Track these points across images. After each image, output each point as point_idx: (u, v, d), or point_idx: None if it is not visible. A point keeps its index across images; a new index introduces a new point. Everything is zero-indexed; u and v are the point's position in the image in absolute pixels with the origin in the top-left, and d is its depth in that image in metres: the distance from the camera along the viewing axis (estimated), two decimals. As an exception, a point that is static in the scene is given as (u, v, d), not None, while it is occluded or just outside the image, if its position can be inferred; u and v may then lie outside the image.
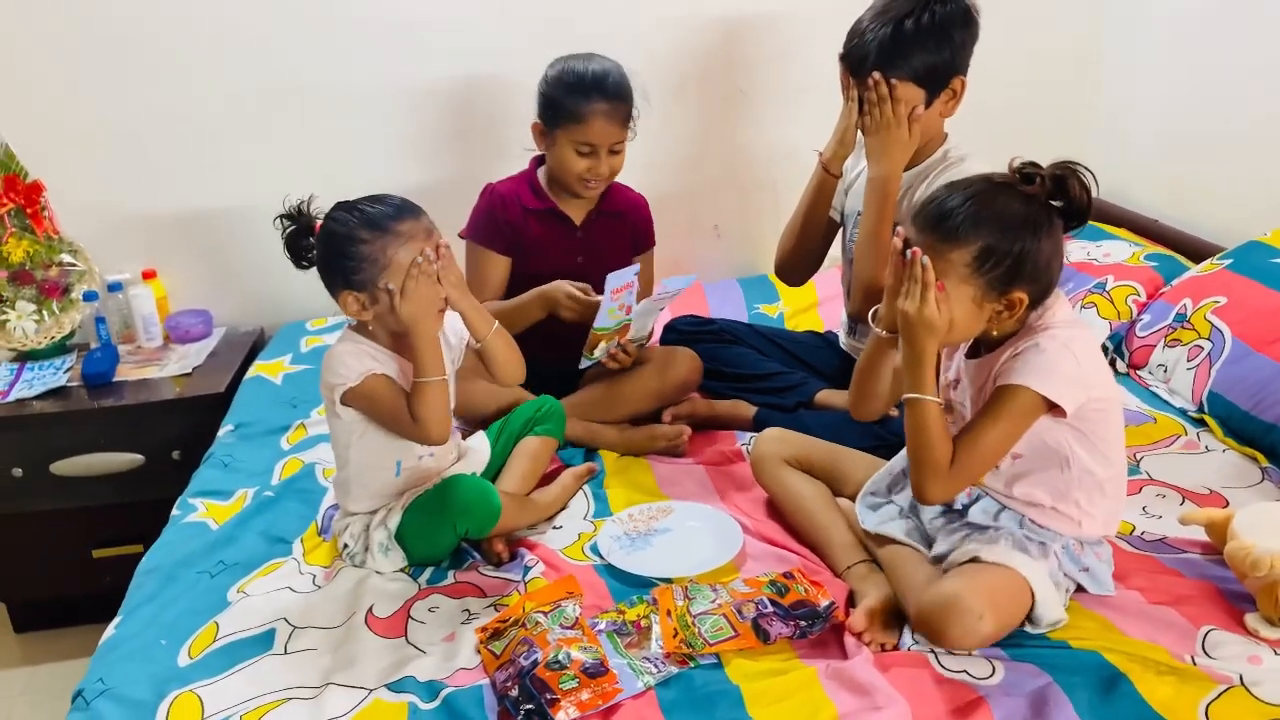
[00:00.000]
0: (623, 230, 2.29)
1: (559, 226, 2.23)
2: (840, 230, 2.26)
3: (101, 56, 2.64)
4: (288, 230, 1.75)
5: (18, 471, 2.44)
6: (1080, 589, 1.59)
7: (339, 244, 1.68)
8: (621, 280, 1.98)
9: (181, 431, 2.48)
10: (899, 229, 1.52)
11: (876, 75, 1.91)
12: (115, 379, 2.59)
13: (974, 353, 1.62)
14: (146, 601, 1.69)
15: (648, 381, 2.18)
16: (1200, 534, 1.72)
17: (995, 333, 1.54)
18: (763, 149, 2.98)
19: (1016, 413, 1.49)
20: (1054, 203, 1.51)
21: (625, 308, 2.03)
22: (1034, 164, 1.53)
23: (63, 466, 2.48)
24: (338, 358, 1.72)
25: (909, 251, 1.47)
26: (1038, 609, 1.51)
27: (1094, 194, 1.51)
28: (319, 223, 1.73)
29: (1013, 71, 2.89)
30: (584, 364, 2.09)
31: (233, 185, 2.81)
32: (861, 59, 1.94)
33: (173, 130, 2.73)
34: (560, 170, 2.16)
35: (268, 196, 2.73)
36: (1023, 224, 1.47)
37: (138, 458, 2.50)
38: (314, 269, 1.76)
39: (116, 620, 1.65)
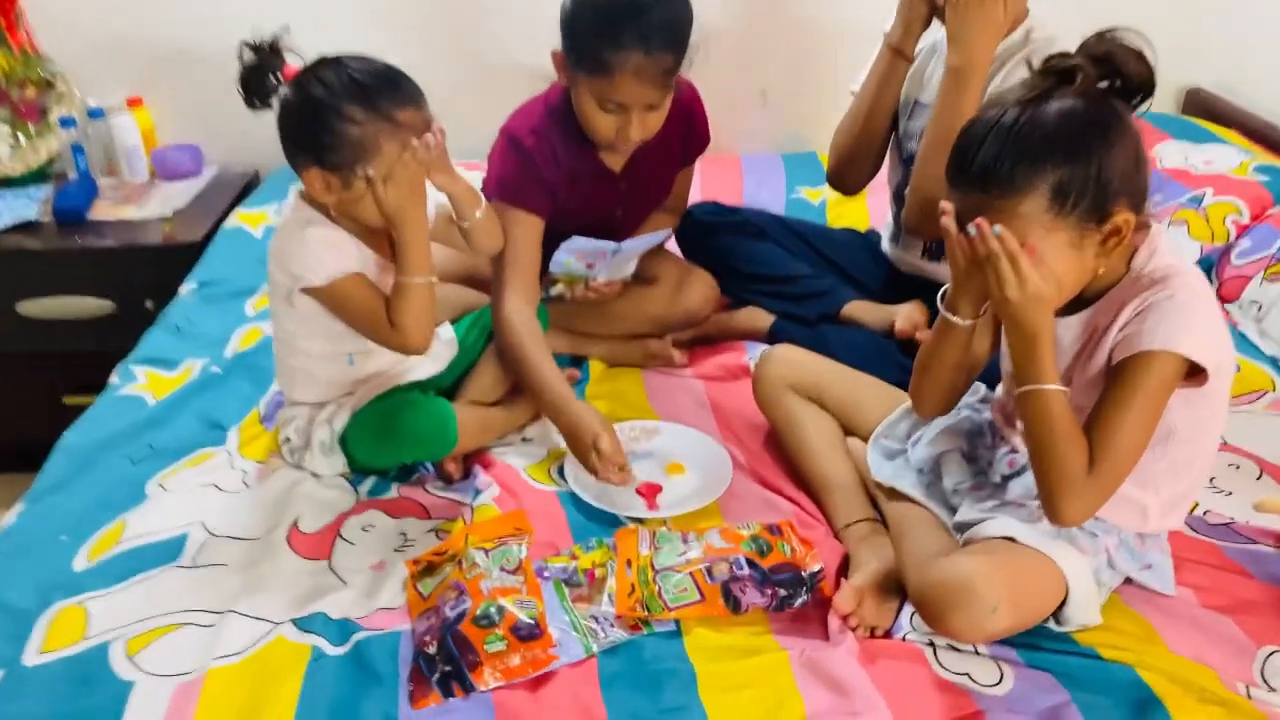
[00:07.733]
0: (671, 155, 1.83)
1: (598, 179, 1.77)
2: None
3: None
4: (249, 62, 1.45)
5: (-18, 306, 2.30)
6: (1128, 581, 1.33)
7: (320, 114, 1.40)
8: (592, 247, 1.71)
9: (156, 280, 2.30)
10: (942, 204, 1.19)
11: None
12: (91, 217, 2.42)
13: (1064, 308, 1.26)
14: (55, 488, 1.50)
15: (650, 306, 1.87)
16: (1278, 523, 1.45)
17: (1102, 271, 1.20)
18: (826, 13, 2.59)
19: (1158, 387, 1.16)
20: (1106, 84, 1.17)
21: (589, 264, 1.75)
22: (1063, 54, 1.18)
23: (30, 307, 2.35)
24: (305, 246, 1.46)
25: (971, 226, 1.14)
26: (1068, 608, 1.25)
27: (1151, 57, 1.17)
28: (290, 66, 1.45)
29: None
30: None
31: (234, 14, 2.50)
32: None
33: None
34: (583, 122, 1.67)
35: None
36: (1085, 134, 1.14)
37: (109, 304, 2.35)
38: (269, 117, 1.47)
39: (18, 508, 1.47)
